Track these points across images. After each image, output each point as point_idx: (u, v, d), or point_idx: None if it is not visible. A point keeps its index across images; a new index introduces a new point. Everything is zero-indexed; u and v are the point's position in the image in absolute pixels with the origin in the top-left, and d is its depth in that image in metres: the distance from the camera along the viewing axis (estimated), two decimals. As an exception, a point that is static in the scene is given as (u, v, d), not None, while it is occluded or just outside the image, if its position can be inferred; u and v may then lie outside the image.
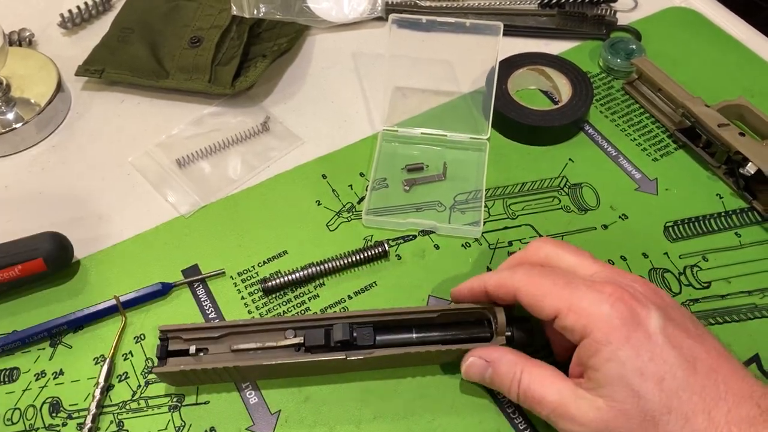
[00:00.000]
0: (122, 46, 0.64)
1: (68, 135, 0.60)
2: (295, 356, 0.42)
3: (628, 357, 0.35)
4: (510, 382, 0.39)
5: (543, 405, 0.38)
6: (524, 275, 0.40)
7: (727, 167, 0.54)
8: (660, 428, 0.34)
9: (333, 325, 0.43)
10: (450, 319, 0.44)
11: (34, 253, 0.48)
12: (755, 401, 0.35)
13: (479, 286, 0.42)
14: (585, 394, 0.36)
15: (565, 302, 0.37)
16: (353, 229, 0.52)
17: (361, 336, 0.42)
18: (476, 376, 0.41)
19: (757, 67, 0.63)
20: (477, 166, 0.56)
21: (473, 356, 0.41)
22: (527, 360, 0.40)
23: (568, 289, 0.38)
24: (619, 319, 0.36)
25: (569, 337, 0.38)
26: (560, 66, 0.60)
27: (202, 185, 0.55)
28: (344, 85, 0.63)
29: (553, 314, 0.38)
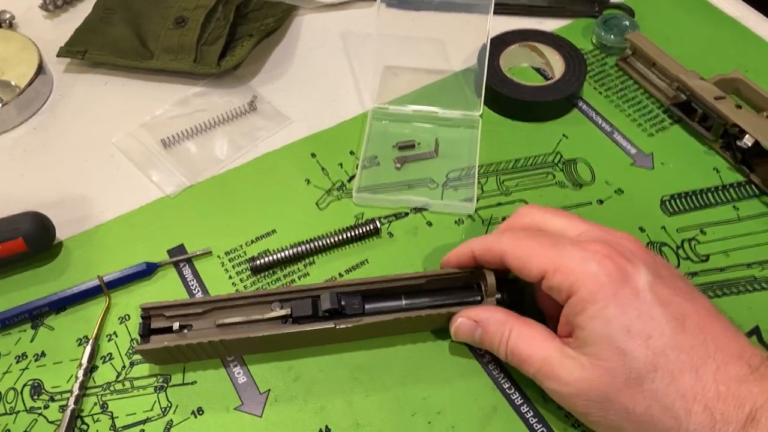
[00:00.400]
0: (105, 27, 0.62)
1: (50, 117, 0.59)
2: (283, 328, 0.41)
3: (614, 315, 0.34)
4: (498, 341, 0.39)
5: (529, 364, 0.37)
6: (510, 238, 0.39)
7: (724, 141, 0.53)
8: (645, 386, 0.34)
9: (320, 295, 0.41)
10: (439, 285, 0.43)
11: (14, 233, 0.46)
12: (745, 360, 0.34)
13: (466, 252, 0.42)
14: (571, 353, 0.36)
15: (552, 262, 0.37)
16: (344, 208, 0.51)
17: (350, 305, 0.41)
18: (465, 336, 0.41)
19: (752, 44, 0.62)
20: (469, 143, 0.54)
21: (462, 317, 0.41)
22: (516, 319, 0.39)
23: (554, 249, 0.37)
24: (606, 276, 0.35)
25: (556, 298, 0.37)
26: (553, 42, 0.59)
27: (188, 165, 0.54)
28: (333, 65, 0.62)
29: (540, 275, 0.37)
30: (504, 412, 0.41)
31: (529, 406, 0.41)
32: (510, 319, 0.39)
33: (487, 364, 0.43)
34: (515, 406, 0.41)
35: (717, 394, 0.33)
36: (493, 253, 0.40)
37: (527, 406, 0.41)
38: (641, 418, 0.34)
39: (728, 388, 0.33)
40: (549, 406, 0.41)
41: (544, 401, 0.41)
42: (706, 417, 0.32)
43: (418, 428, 0.40)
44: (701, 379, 0.33)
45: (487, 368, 0.43)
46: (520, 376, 0.42)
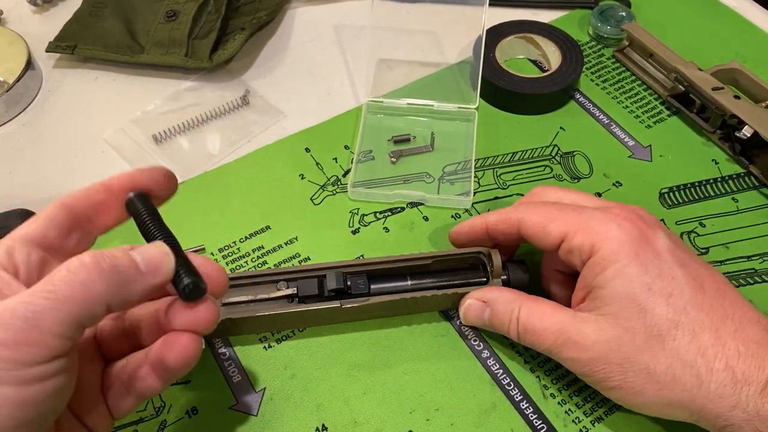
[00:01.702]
0: (95, 21, 0.61)
1: (39, 113, 0.58)
2: (289, 307, 0.41)
3: (635, 273, 0.34)
4: (509, 319, 0.38)
5: (543, 337, 0.37)
6: (527, 207, 0.39)
7: (722, 132, 0.52)
8: (667, 344, 0.34)
9: (326, 275, 0.41)
10: (445, 265, 0.43)
11: (3, 231, 0.45)
12: (762, 325, 0.34)
13: (480, 224, 0.41)
14: (587, 317, 0.36)
15: (572, 224, 0.37)
16: (339, 203, 0.50)
17: (356, 285, 0.41)
18: (475, 318, 0.40)
19: (749, 34, 0.62)
20: (466, 136, 0.54)
21: (471, 299, 0.41)
22: (525, 296, 0.39)
23: (575, 213, 0.37)
24: (628, 236, 0.35)
25: (574, 261, 0.37)
26: (549, 33, 0.58)
27: (180, 161, 0.53)
28: (327, 58, 0.61)
29: (559, 237, 0.37)
30: (503, 409, 0.40)
31: (529, 402, 0.40)
32: (518, 297, 0.39)
33: (486, 359, 0.42)
34: (514, 403, 0.40)
35: (737, 353, 0.33)
36: (508, 222, 0.39)
37: (526, 402, 0.40)
38: (663, 377, 0.33)
39: (747, 349, 0.33)
40: (548, 402, 0.40)
41: (544, 397, 0.40)
42: (727, 375, 0.33)
43: (416, 425, 0.40)
44: (721, 338, 0.33)
45: (486, 364, 0.42)
46: (519, 372, 0.41)
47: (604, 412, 0.40)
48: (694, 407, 0.33)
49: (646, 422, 0.39)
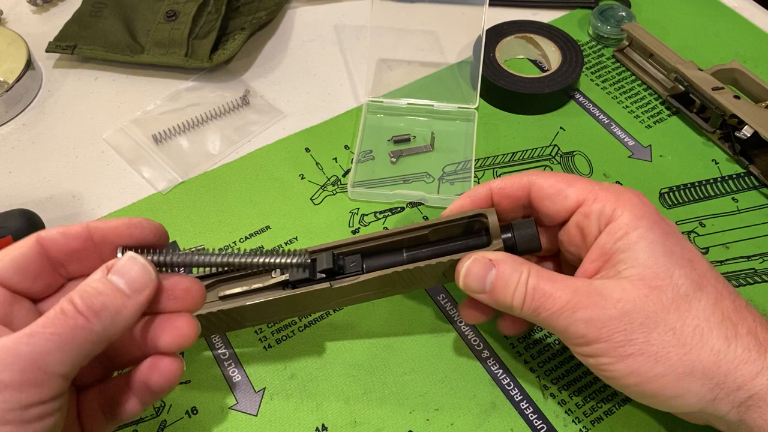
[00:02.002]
0: (95, 21, 0.61)
1: (39, 113, 0.58)
2: (283, 293, 0.39)
3: (658, 238, 0.34)
4: (516, 281, 0.34)
5: (555, 300, 0.33)
6: (539, 172, 0.38)
7: (722, 132, 0.52)
8: (693, 304, 0.33)
9: (316, 257, 0.39)
10: (445, 234, 0.40)
11: (3, 231, 0.45)
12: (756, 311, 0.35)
13: (483, 191, 0.39)
14: (606, 282, 0.34)
15: (591, 191, 0.36)
16: (339, 203, 0.50)
17: (349, 265, 0.39)
18: (475, 280, 0.35)
19: (749, 34, 0.62)
20: (466, 136, 0.54)
21: (473, 256, 0.36)
22: (533, 264, 0.35)
23: (593, 182, 0.37)
24: (647, 207, 0.35)
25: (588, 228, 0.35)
26: (549, 33, 0.58)
27: (179, 161, 0.53)
28: (327, 58, 0.61)
29: (577, 202, 0.36)
30: (503, 409, 0.40)
31: (529, 402, 0.40)
32: (526, 263, 0.35)
33: (486, 359, 0.42)
34: (514, 402, 0.40)
35: (755, 322, 0.33)
36: (518, 185, 0.38)
37: (526, 402, 0.40)
38: (689, 339, 0.32)
39: (760, 321, 0.33)
40: (548, 401, 0.40)
41: (544, 397, 0.40)
42: (752, 340, 0.32)
43: (416, 425, 0.40)
44: (738, 307, 0.33)
45: (486, 364, 0.42)
46: (519, 371, 0.41)
47: (604, 412, 0.40)
48: (717, 375, 0.31)
49: (646, 422, 0.39)
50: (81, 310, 0.28)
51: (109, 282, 0.29)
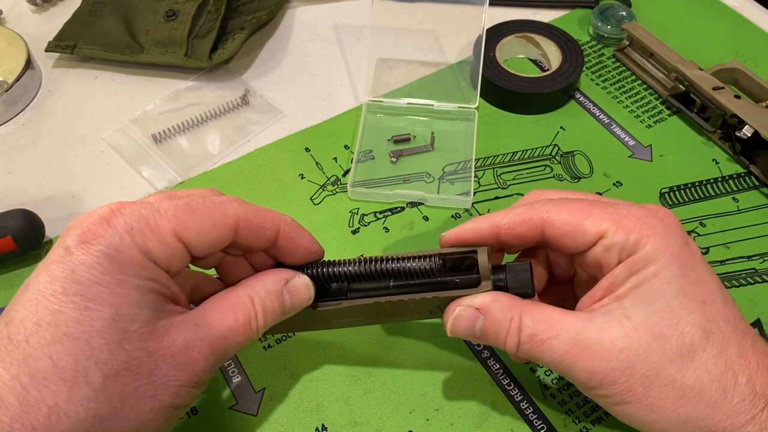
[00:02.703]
0: (94, 20, 0.61)
1: (39, 113, 0.58)
2: None
3: (675, 275, 0.32)
4: (507, 329, 0.33)
5: (554, 348, 0.32)
6: (551, 204, 0.34)
7: (723, 132, 0.52)
8: (696, 356, 0.31)
9: None
10: None
11: (3, 231, 0.45)
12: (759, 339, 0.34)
13: (488, 227, 0.35)
14: (608, 322, 0.32)
15: (612, 220, 0.33)
16: (339, 202, 0.50)
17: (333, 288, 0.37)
18: (464, 329, 0.34)
19: (750, 33, 0.62)
20: (466, 136, 0.54)
21: (459, 306, 0.34)
22: (524, 302, 0.34)
23: (611, 208, 0.34)
24: (672, 234, 0.33)
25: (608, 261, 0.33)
26: (549, 32, 0.58)
27: (179, 161, 0.53)
28: (327, 58, 0.61)
29: (598, 235, 0.33)
30: (503, 409, 0.40)
31: (529, 402, 0.40)
32: (516, 302, 0.34)
33: (486, 359, 0.42)
34: (514, 402, 0.40)
35: (757, 366, 0.32)
36: (530, 225, 0.34)
37: (526, 402, 0.40)
38: (688, 392, 0.31)
39: (763, 362, 0.32)
40: (548, 402, 0.40)
41: (544, 397, 0.40)
42: (748, 389, 0.31)
43: (416, 425, 0.40)
44: (743, 352, 0.32)
45: (486, 364, 0.42)
46: (520, 371, 0.41)
47: (605, 413, 0.40)
48: (710, 424, 0.31)
49: (646, 422, 0.39)
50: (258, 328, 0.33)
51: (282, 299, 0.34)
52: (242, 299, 0.33)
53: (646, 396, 0.32)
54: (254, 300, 0.33)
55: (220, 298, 0.33)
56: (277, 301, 0.34)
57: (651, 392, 0.32)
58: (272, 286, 0.34)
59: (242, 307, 0.33)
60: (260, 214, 0.34)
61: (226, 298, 0.33)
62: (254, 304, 0.33)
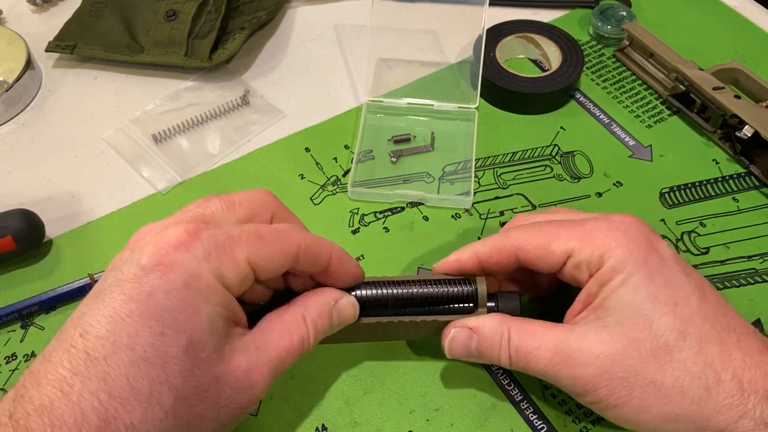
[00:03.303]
0: (95, 20, 0.61)
1: (39, 113, 0.58)
2: None
3: (642, 281, 0.33)
4: (498, 344, 0.35)
5: (539, 358, 0.34)
6: (521, 231, 0.37)
7: (723, 132, 0.52)
8: (674, 355, 0.33)
9: None
10: None
11: (3, 231, 0.45)
12: (758, 336, 0.34)
13: (469, 257, 0.38)
14: (586, 331, 0.34)
15: (577, 238, 0.35)
16: (339, 203, 0.50)
17: None
18: (461, 349, 0.37)
19: (750, 33, 0.62)
20: (466, 136, 0.54)
21: (455, 327, 0.37)
22: (513, 318, 0.36)
23: (576, 226, 0.36)
24: (635, 243, 0.34)
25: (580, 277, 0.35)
26: (549, 32, 0.58)
27: (179, 161, 0.53)
28: (327, 58, 0.61)
29: (565, 255, 0.35)
30: (503, 409, 0.40)
31: (529, 402, 0.40)
32: (505, 319, 0.36)
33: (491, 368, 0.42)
34: (514, 403, 0.40)
35: (743, 363, 0.32)
36: (504, 253, 0.37)
37: (527, 402, 0.40)
38: (670, 391, 0.33)
39: (751, 358, 0.33)
40: (549, 401, 0.40)
41: (544, 397, 0.40)
42: (734, 386, 0.32)
43: (416, 425, 0.40)
44: (726, 349, 0.33)
45: (492, 372, 0.42)
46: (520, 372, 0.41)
47: (605, 413, 0.40)
48: (700, 420, 0.32)
49: (646, 422, 0.39)
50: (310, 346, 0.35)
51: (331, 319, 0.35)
52: (297, 320, 0.34)
53: (630, 398, 0.33)
54: (307, 320, 0.34)
55: (277, 318, 0.34)
56: (327, 320, 0.35)
57: (634, 394, 0.33)
58: (323, 306, 0.35)
59: (297, 328, 0.34)
60: (318, 242, 0.35)
61: (282, 319, 0.34)
62: (307, 324, 0.34)
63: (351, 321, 0.37)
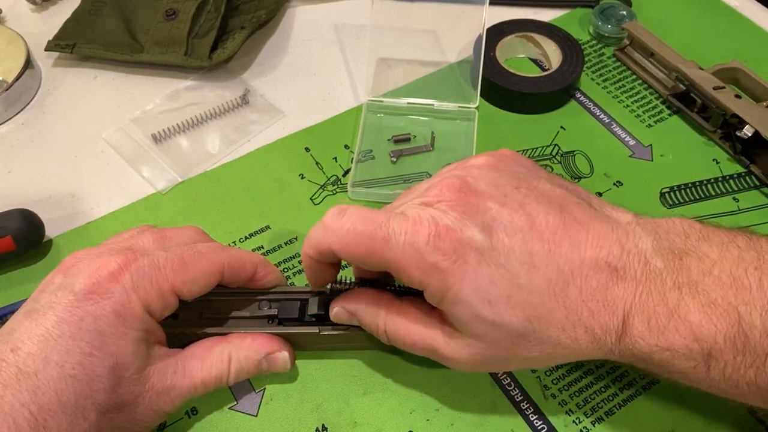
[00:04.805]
0: (94, 19, 0.61)
1: (39, 112, 0.58)
2: (267, 328, 0.40)
3: (469, 293, 0.33)
4: (376, 331, 0.38)
5: (416, 350, 0.37)
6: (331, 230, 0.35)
7: (723, 131, 0.52)
8: (530, 338, 0.34)
9: (308, 299, 0.40)
10: None
11: (3, 231, 0.45)
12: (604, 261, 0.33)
13: None
14: (452, 333, 0.35)
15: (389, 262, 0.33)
16: (339, 202, 0.50)
17: None
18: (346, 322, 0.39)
19: (750, 33, 0.62)
20: (466, 136, 0.54)
21: (337, 305, 0.38)
22: (389, 305, 0.37)
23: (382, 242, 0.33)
24: (444, 260, 0.32)
25: None
26: (549, 32, 0.58)
27: (179, 161, 0.53)
28: (327, 57, 0.61)
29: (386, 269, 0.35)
30: (503, 409, 0.40)
31: (529, 402, 0.40)
32: (382, 306, 0.37)
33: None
34: (515, 402, 0.40)
35: (590, 312, 0.33)
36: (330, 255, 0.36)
37: (527, 402, 0.40)
38: (542, 357, 0.35)
39: (596, 302, 0.33)
40: (548, 401, 0.40)
41: (544, 397, 0.40)
42: (589, 336, 0.33)
43: (416, 425, 0.39)
44: (570, 308, 0.33)
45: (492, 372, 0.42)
46: (520, 371, 0.41)
47: (605, 413, 0.40)
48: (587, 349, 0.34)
49: (647, 423, 0.39)
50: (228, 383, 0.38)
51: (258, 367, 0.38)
52: (223, 357, 0.37)
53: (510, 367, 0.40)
54: (232, 360, 0.38)
55: (205, 349, 0.38)
56: (253, 367, 0.38)
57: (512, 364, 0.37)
58: (254, 355, 0.38)
59: (218, 364, 0.37)
60: (241, 259, 0.38)
61: (210, 351, 0.38)
62: (231, 364, 0.37)
63: (283, 371, 0.40)
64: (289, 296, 0.41)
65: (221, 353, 0.37)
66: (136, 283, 0.34)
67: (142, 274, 0.34)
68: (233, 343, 0.38)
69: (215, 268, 0.37)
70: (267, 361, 0.39)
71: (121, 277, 0.34)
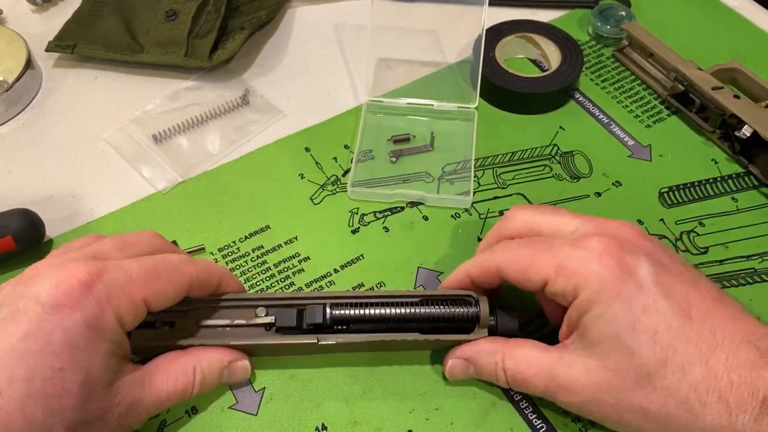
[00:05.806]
0: (95, 20, 0.61)
1: (39, 112, 0.58)
2: (265, 336, 0.40)
3: (619, 313, 0.33)
4: (495, 371, 0.38)
5: (535, 384, 0.36)
6: (503, 251, 0.38)
7: (722, 131, 0.53)
8: (657, 383, 0.33)
9: (306, 308, 0.40)
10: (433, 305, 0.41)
11: (3, 231, 0.45)
12: (754, 344, 0.33)
13: (464, 278, 0.40)
14: (574, 360, 0.35)
15: (551, 267, 0.35)
16: (338, 202, 0.50)
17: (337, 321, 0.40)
18: (462, 375, 0.40)
19: (749, 33, 0.62)
20: (465, 136, 0.54)
21: (452, 359, 0.39)
22: (506, 344, 0.38)
23: (551, 253, 0.36)
24: (609, 273, 0.34)
25: (561, 302, 0.36)
26: (548, 32, 0.58)
27: (179, 161, 0.53)
28: (327, 58, 0.61)
29: (541, 283, 0.36)
30: (502, 408, 0.40)
31: (528, 402, 0.40)
32: (498, 346, 0.38)
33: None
34: (514, 402, 0.40)
35: (729, 382, 0.32)
36: (489, 273, 0.38)
37: (526, 401, 0.40)
38: (656, 416, 0.33)
39: (740, 376, 0.32)
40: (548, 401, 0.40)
41: (544, 397, 0.41)
42: (721, 407, 0.32)
43: (416, 425, 0.40)
44: (712, 370, 0.32)
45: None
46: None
47: (604, 412, 0.40)
48: None
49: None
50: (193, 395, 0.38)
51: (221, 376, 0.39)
52: (187, 369, 0.37)
53: (621, 419, 0.35)
54: (196, 372, 0.37)
55: (169, 362, 0.37)
56: (216, 377, 0.38)
57: (624, 416, 0.34)
58: (216, 363, 0.38)
59: (183, 376, 0.37)
60: (208, 271, 0.39)
61: (174, 365, 0.37)
62: (195, 375, 0.37)
63: (243, 380, 0.40)
64: (286, 302, 0.40)
65: (186, 365, 0.37)
66: (109, 294, 0.33)
67: (115, 284, 0.33)
68: (195, 355, 0.38)
69: (185, 281, 0.37)
70: (229, 371, 0.39)
71: (93, 288, 0.32)
